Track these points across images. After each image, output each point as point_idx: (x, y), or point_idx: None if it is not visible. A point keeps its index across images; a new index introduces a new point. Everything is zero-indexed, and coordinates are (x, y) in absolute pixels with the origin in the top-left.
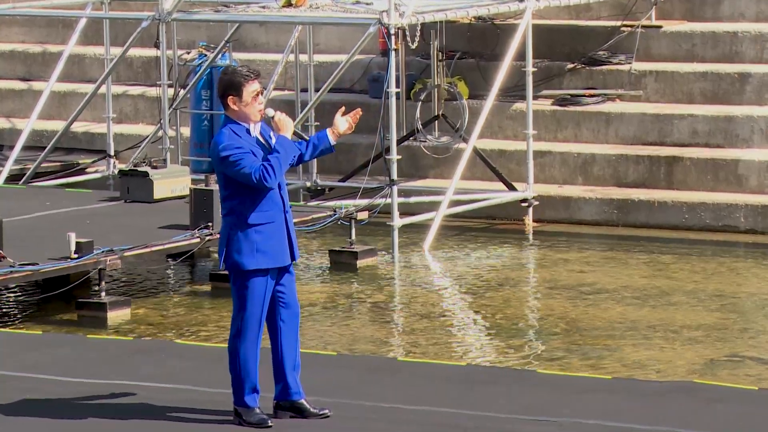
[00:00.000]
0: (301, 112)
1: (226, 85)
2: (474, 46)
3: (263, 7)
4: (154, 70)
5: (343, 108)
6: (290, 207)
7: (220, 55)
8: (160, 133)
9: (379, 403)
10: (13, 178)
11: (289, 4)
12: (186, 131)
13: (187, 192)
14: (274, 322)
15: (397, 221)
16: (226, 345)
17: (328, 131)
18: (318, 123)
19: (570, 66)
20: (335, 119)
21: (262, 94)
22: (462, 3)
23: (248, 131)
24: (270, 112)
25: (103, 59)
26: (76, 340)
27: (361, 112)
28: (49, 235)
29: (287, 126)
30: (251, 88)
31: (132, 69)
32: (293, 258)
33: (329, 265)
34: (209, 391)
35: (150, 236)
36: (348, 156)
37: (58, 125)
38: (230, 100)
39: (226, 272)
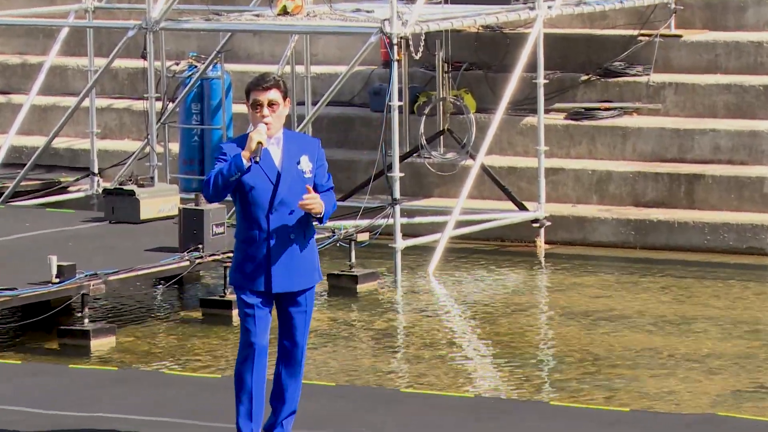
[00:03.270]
0: (297, 126)
1: (245, 89)
2: (482, 56)
3: (257, 16)
4: (141, 82)
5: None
6: (291, 237)
7: (211, 67)
8: (147, 149)
9: None
10: None
11: (284, 13)
12: (175, 147)
13: (176, 212)
14: (279, 350)
15: (400, 243)
16: (218, 375)
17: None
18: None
19: (584, 78)
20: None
21: (268, 107)
22: (469, 11)
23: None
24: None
25: (87, 71)
26: (58, 369)
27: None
28: (29, 258)
29: (250, 140)
30: (253, 97)
31: (117, 81)
32: (269, 288)
33: (327, 290)
34: (200, 424)
35: (136, 259)
36: (347, 173)
37: (38, 141)
38: (246, 103)
39: (218, 298)
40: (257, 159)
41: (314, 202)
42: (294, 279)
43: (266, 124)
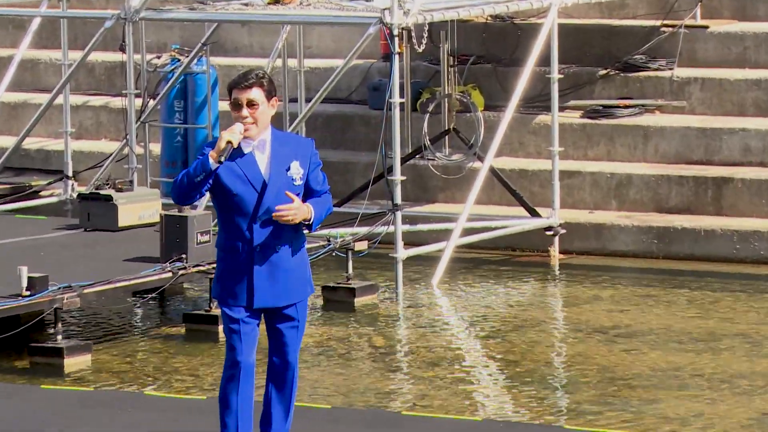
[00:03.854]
0: (290, 125)
1: (227, 87)
2: (491, 49)
3: (246, 5)
4: (119, 77)
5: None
6: (278, 248)
7: (195, 60)
8: (126, 150)
9: None
10: None
11: (275, 2)
12: (156, 148)
13: (158, 219)
14: (268, 368)
15: (402, 253)
16: (202, 397)
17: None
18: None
19: (602, 72)
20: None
21: (248, 107)
22: (476, 0)
23: (239, 143)
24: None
25: (60, 65)
26: (29, 390)
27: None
28: None
29: (220, 139)
30: (234, 95)
31: (93, 76)
32: (251, 302)
33: (322, 304)
34: None
35: (114, 270)
36: (344, 177)
37: (7, 141)
38: (229, 103)
39: (203, 312)
40: (222, 159)
41: (290, 213)
42: (279, 293)
43: (243, 124)
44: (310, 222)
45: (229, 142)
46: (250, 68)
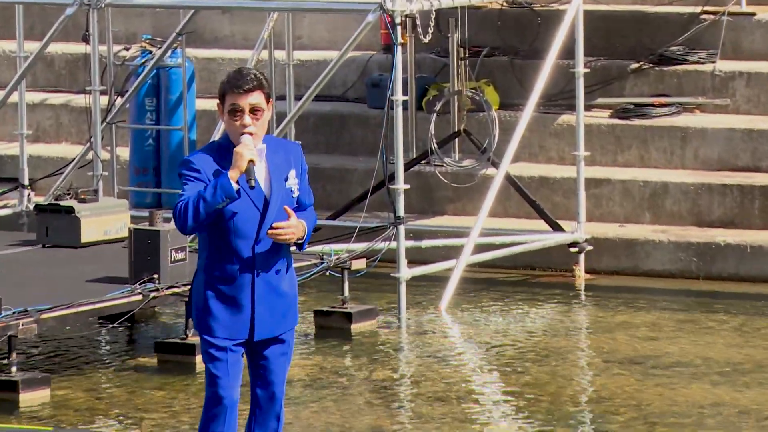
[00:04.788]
0: (277, 126)
1: (218, 90)
2: (507, 39)
3: None
4: (83, 71)
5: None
6: (278, 273)
7: (169, 52)
8: (90, 155)
9: None
10: None
11: None
12: (124, 153)
13: (126, 233)
14: (252, 403)
15: (405, 272)
16: None
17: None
18: (300, 142)
19: (634, 66)
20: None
21: (251, 114)
22: None
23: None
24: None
25: (15, 57)
26: None
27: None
28: None
29: (239, 157)
30: (230, 101)
31: (53, 70)
32: (251, 336)
33: (314, 331)
34: None
35: (76, 292)
36: (339, 185)
37: None
38: (218, 107)
39: (178, 340)
40: (253, 183)
41: (288, 231)
42: (278, 321)
43: (251, 134)
44: (302, 241)
45: (251, 161)
46: (240, 68)
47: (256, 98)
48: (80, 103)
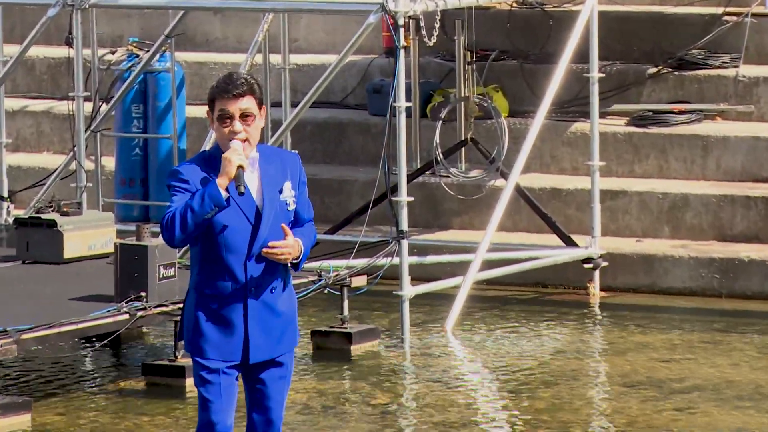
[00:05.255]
0: (272, 135)
1: (208, 96)
2: (516, 42)
3: None
4: (66, 76)
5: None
6: (273, 290)
7: (157, 56)
8: (74, 165)
9: None
10: None
11: None
12: (110, 163)
13: (111, 249)
14: (247, 429)
15: (408, 290)
16: None
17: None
18: (296, 151)
19: (652, 70)
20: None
21: (241, 119)
22: None
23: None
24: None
25: None
26: None
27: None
28: None
29: (227, 163)
30: (220, 107)
31: (34, 75)
32: (246, 358)
33: (311, 352)
34: None
35: (59, 311)
36: (338, 198)
37: None
38: (208, 113)
39: (167, 362)
40: (242, 189)
41: (285, 251)
42: (274, 342)
43: (242, 141)
44: (298, 260)
45: (240, 167)
46: (230, 73)
47: (247, 103)
48: (63, 110)
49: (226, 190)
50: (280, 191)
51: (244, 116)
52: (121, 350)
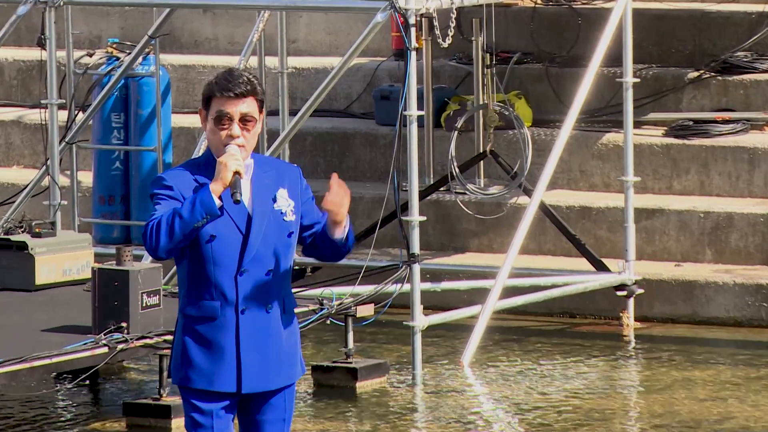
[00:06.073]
0: (268, 147)
1: (203, 92)
2: (541, 43)
3: None
4: (37, 81)
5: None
6: (269, 311)
7: (140, 59)
8: (46, 180)
9: None
10: None
11: None
12: (87, 178)
13: (89, 274)
14: None
15: (421, 320)
16: None
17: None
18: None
19: (692, 75)
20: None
21: (241, 123)
22: None
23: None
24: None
25: None
26: None
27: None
28: None
29: (223, 168)
30: (218, 107)
31: (2, 80)
32: (239, 387)
33: (313, 389)
34: None
35: (30, 344)
36: None
37: None
38: (200, 112)
39: (151, 401)
40: (238, 197)
41: (345, 201)
42: (270, 372)
43: (239, 146)
44: (344, 235)
45: (236, 173)
46: (230, 69)
47: (249, 106)
48: (35, 120)
49: (220, 197)
50: (274, 199)
51: (244, 120)
52: (100, 387)
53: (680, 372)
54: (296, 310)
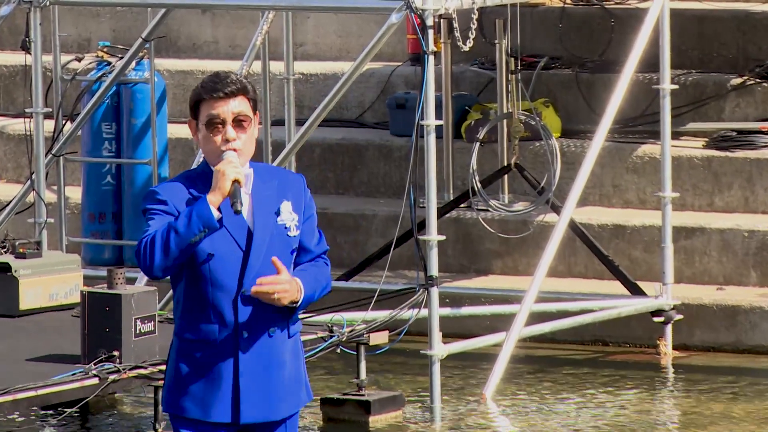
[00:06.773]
0: (273, 158)
1: (189, 100)
2: (570, 47)
3: None
4: (22, 88)
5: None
6: (271, 335)
7: (133, 64)
8: (32, 197)
9: None
10: None
11: None
12: (76, 193)
13: (78, 298)
14: None
15: (440, 348)
16: None
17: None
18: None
19: (736, 81)
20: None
21: (234, 124)
22: None
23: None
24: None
25: None
26: None
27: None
28: None
29: (221, 176)
30: (207, 110)
31: None
32: (236, 417)
33: (321, 425)
34: None
35: (14, 374)
36: (354, 236)
37: None
38: (190, 124)
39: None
40: (238, 207)
41: (278, 288)
42: (272, 401)
43: (235, 150)
44: (296, 305)
45: (236, 182)
46: (217, 72)
47: (241, 104)
48: (18, 130)
49: (218, 209)
50: (277, 212)
51: (238, 120)
52: (90, 421)
53: (723, 405)
54: (303, 338)
